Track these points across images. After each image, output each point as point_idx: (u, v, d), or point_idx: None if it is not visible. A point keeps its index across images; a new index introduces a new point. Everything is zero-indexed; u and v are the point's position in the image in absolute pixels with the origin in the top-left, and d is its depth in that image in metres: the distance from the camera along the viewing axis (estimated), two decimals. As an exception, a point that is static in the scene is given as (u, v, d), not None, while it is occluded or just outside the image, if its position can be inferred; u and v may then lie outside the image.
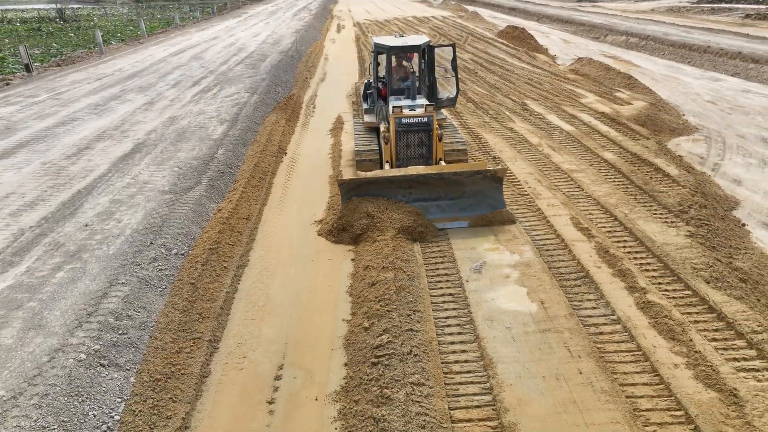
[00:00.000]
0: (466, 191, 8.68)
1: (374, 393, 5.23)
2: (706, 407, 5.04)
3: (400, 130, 9.61)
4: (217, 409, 5.40)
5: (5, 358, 5.52)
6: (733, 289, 7.00)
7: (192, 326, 6.48)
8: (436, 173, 8.54)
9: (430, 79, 11.09)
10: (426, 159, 9.85)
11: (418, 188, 8.59)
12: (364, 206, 8.46)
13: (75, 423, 4.89)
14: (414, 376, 5.43)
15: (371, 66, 11.89)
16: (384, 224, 8.25)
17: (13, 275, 7.08)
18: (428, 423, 4.93)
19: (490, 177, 8.59)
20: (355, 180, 8.57)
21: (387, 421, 4.84)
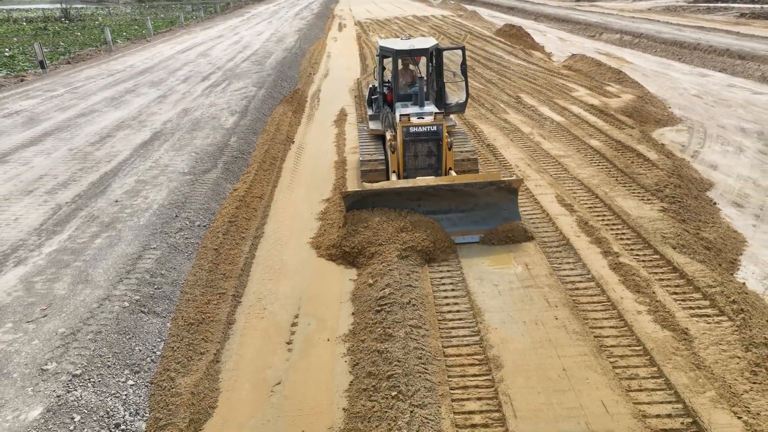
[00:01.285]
0: (479, 203, 8.20)
1: (378, 333, 6.11)
2: (660, 343, 5.92)
3: (407, 139, 9.09)
4: (243, 348, 6.28)
5: (62, 304, 6.40)
6: (696, 254, 7.88)
7: (217, 284, 7.37)
8: (446, 184, 8.08)
9: (438, 84, 10.65)
10: (435, 169, 9.32)
11: (427, 200, 8.14)
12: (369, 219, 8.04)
13: (125, 355, 5.77)
14: (412, 321, 6.31)
15: (376, 70, 11.30)
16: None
17: (57, 241, 7.97)
18: (424, 355, 5.82)
19: (505, 188, 8.13)
20: (360, 192, 8.15)
21: (389, 352, 5.72)
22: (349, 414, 5.21)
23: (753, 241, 8.72)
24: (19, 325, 6.04)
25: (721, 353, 5.71)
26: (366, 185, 8.41)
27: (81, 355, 5.56)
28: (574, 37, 33.63)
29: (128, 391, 5.41)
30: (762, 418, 4.84)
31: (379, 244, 7.71)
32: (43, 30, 46.54)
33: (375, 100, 11.43)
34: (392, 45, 10.25)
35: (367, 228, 7.95)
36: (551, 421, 5.04)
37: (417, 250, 7.67)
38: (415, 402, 5.12)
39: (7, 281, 6.95)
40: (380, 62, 10.99)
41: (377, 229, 7.90)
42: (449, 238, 8.03)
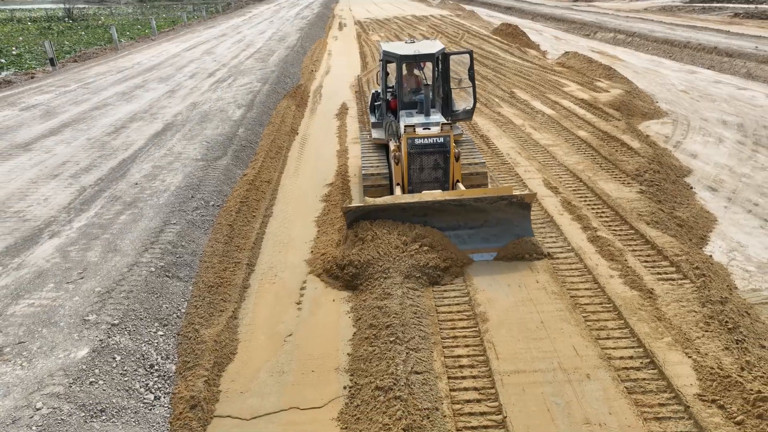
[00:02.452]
0: (489, 219, 7.81)
1: (378, 293, 6.87)
2: (628, 300, 6.69)
3: (412, 152, 8.57)
4: (258, 308, 7.04)
5: (96, 269, 7.16)
6: (669, 230, 8.66)
7: (232, 254, 8.13)
8: (455, 199, 7.65)
9: (444, 90, 10.16)
10: (442, 183, 8.82)
11: (434, 216, 7.75)
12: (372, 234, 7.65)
13: (154, 311, 6.53)
14: (409, 284, 7.07)
15: (379, 75, 10.64)
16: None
17: (85, 218, 8.73)
18: (419, 312, 6.58)
19: (516, 203, 7.75)
20: (363, 207, 7.72)
21: (388, 307, 6.48)
22: (353, 357, 5.98)
23: (723, 220, 9.47)
24: (60, 285, 6.80)
25: (680, 308, 6.48)
26: (368, 200, 7.83)
27: (117, 309, 6.32)
28: (569, 36, 34.40)
29: (159, 339, 6.17)
30: (709, 357, 5.60)
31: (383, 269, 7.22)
32: (48, 29, 47.26)
33: (378, 107, 10.76)
34: (396, 49, 9.66)
35: (371, 247, 7.47)
36: (528, 361, 5.81)
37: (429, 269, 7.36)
38: (410, 346, 5.88)
39: (44, 250, 7.71)
40: (383, 67, 10.25)
41: (382, 247, 7.46)
42: (466, 255, 7.71)
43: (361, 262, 7.30)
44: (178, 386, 5.64)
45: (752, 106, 16.46)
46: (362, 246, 7.51)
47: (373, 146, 10.58)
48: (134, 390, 5.42)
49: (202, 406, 5.39)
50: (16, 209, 9.15)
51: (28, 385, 5.13)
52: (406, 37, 33.93)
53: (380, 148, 10.46)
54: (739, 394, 5.00)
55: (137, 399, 5.34)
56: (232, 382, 5.77)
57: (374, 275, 7.15)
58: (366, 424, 4.96)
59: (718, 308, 6.41)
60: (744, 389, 5.01)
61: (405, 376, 5.35)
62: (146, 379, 5.60)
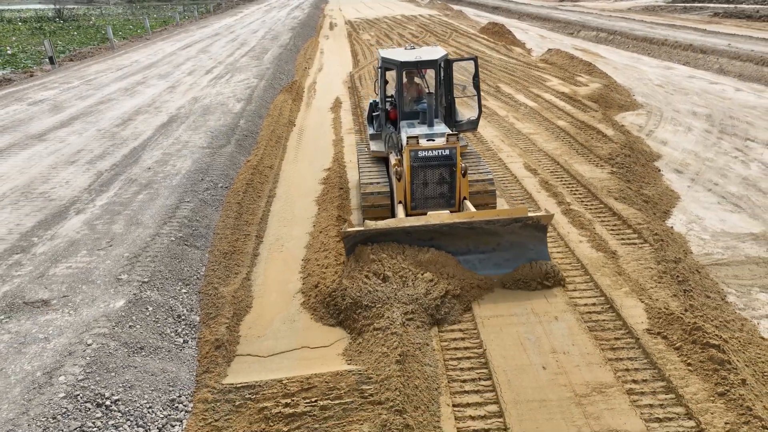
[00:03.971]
0: (502, 243, 7.17)
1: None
2: (593, 260, 7.65)
3: (416, 165, 7.92)
4: (268, 271, 7.91)
5: (122, 238, 8.01)
6: (635, 204, 9.63)
7: (242, 228, 9.00)
8: (464, 222, 7.02)
9: (447, 99, 9.51)
10: (447, 199, 8.16)
11: (441, 240, 7.15)
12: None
13: (177, 272, 7.39)
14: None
15: (377, 84, 9.98)
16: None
17: (106, 197, 9.56)
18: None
19: (532, 225, 7.12)
20: (363, 232, 7.11)
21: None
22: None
23: (685, 197, 10.46)
24: (92, 252, 7.64)
25: (638, 265, 7.45)
26: (369, 223, 7.18)
27: (145, 270, 7.17)
28: (554, 34, 35.49)
29: (183, 296, 7.03)
30: (659, 302, 6.56)
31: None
32: (39, 29, 47.67)
33: (376, 118, 10.07)
34: (396, 56, 9.02)
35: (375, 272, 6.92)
36: (505, 308, 6.73)
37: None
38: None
39: (73, 224, 8.54)
40: (382, 75, 9.61)
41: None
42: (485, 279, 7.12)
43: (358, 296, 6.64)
44: (203, 332, 6.51)
45: (721, 98, 17.53)
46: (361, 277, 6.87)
47: (371, 160, 9.74)
48: (166, 334, 6.29)
49: (226, 347, 6.26)
50: (41, 191, 9.96)
51: (78, 327, 5.98)
52: (396, 36, 34.86)
53: (380, 162, 9.66)
54: (679, 327, 5.96)
55: (169, 341, 6.21)
56: (249, 329, 6.65)
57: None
58: (367, 355, 5.86)
59: (672, 266, 7.38)
60: (683, 322, 5.97)
61: (400, 320, 6.25)
62: (175, 327, 6.47)
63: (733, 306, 6.95)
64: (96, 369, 5.37)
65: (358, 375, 5.52)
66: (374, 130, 10.05)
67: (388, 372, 5.41)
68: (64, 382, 5.14)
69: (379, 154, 9.63)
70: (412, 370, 5.54)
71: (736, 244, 8.49)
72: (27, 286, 6.81)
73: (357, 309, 6.55)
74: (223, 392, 5.56)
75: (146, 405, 5.26)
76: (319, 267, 7.81)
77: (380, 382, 5.35)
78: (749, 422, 4.73)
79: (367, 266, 6.99)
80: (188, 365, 5.99)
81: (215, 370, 5.91)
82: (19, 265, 7.39)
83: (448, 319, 6.55)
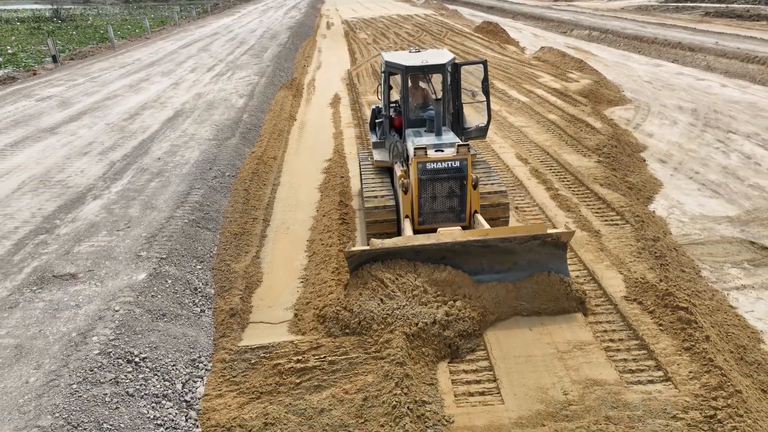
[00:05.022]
0: (518, 262, 6.70)
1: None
2: (578, 238, 8.25)
3: (424, 178, 7.46)
4: (275, 251, 8.48)
5: (139, 221, 8.57)
6: (619, 190, 10.24)
7: (250, 212, 9.57)
8: (479, 240, 6.55)
9: (455, 106, 9.02)
10: (457, 213, 7.71)
11: (453, 259, 6.65)
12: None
13: (191, 251, 7.95)
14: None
15: (379, 89, 9.46)
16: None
17: (120, 185, 10.11)
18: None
19: (551, 243, 6.66)
20: (368, 252, 6.63)
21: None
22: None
23: (668, 185, 11.06)
24: (112, 232, 8.20)
25: (619, 243, 8.05)
26: (375, 242, 6.68)
27: (162, 248, 7.73)
28: (547, 33, 36.15)
29: (198, 271, 7.60)
30: (637, 273, 7.16)
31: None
32: (38, 29, 48.06)
33: (380, 125, 9.56)
34: (401, 60, 8.56)
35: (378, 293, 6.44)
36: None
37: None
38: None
39: (91, 208, 9.10)
40: (386, 80, 9.04)
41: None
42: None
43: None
44: (218, 303, 7.07)
45: (707, 94, 18.18)
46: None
47: (375, 170, 9.24)
48: (185, 304, 6.86)
49: (240, 315, 6.83)
50: (58, 179, 10.51)
51: (105, 296, 6.54)
52: (393, 35, 35.45)
53: (384, 172, 9.20)
54: (653, 293, 6.56)
55: (188, 310, 6.78)
56: (261, 300, 7.22)
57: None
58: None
59: (651, 243, 7.98)
60: (657, 290, 6.58)
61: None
62: (192, 297, 7.03)
63: (706, 279, 7.56)
64: (124, 331, 5.93)
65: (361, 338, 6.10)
66: (377, 138, 9.54)
67: (387, 337, 5.97)
68: (97, 342, 5.70)
69: (383, 164, 9.09)
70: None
71: (712, 226, 9.10)
72: (55, 262, 7.37)
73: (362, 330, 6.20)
74: (239, 353, 6.13)
75: (170, 363, 5.82)
76: (316, 286, 7.40)
77: (381, 344, 5.93)
78: (710, 371, 5.33)
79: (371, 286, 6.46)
80: (206, 331, 6.55)
81: (231, 335, 6.48)
82: (45, 244, 7.94)
83: (462, 348, 6.08)
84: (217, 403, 5.51)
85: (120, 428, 4.86)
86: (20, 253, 7.70)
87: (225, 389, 5.69)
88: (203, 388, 5.73)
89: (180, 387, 5.60)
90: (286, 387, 5.53)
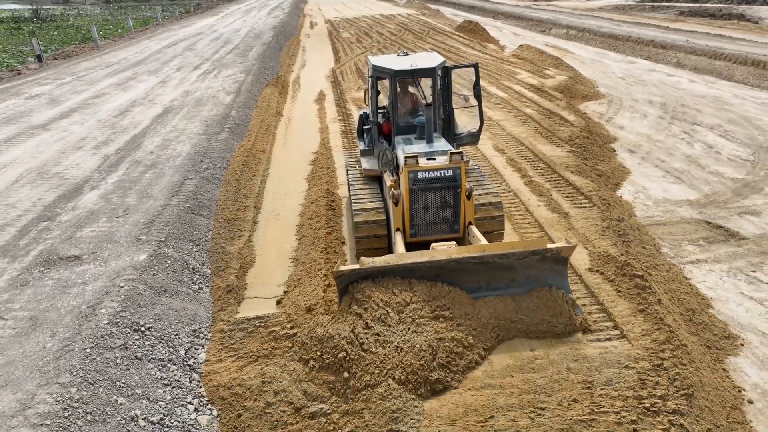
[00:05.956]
0: (517, 278, 6.35)
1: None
2: (548, 219, 8.91)
3: (415, 188, 7.14)
4: (267, 235, 9.02)
5: (136, 208, 9.06)
6: (589, 177, 10.93)
7: (241, 201, 10.09)
8: (475, 257, 6.16)
9: (445, 111, 8.66)
10: (451, 225, 7.40)
11: (447, 276, 6.25)
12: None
13: (187, 235, 8.46)
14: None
15: (367, 94, 9.23)
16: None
17: (116, 176, 10.57)
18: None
19: (551, 258, 6.30)
20: (358, 271, 6.10)
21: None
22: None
23: (635, 173, 11.79)
24: (111, 219, 8.67)
25: (586, 223, 8.72)
26: (365, 260, 6.19)
27: (160, 232, 8.24)
28: (527, 32, 36.98)
29: (195, 253, 8.11)
30: (600, 249, 7.82)
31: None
32: (18, 30, 47.76)
33: (368, 131, 9.22)
34: (389, 64, 8.17)
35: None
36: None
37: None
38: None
39: (90, 198, 9.55)
40: (373, 85, 8.79)
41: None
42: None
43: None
44: (214, 281, 7.60)
45: (676, 89, 19.04)
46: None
47: (363, 179, 8.86)
48: (184, 282, 7.37)
49: (236, 291, 7.36)
50: (54, 171, 10.93)
51: (110, 275, 7.03)
52: (376, 34, 36.02)
53: (373, 181, 8.82)
54: (613, 264, 7.23)
55: (187, 287, 7.30)
56: (255, 278, 7.75)
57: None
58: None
59: (615, 223, 8.66)
60: (617, 262, 7.24)
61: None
62: (191, 276, 7.55)
63: (664, 255, 8.26)
64: (130, 304, 6.44)
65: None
66: (365, 145, 9.16)
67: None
68: (105, 313, 6.20)
69: (372, 173, 8.70)
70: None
71: (674, 209, 9.82)
72: (59, 246, 7.83)
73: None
74: (236, 323, 6.67)
75: (173, 333, 6.35)
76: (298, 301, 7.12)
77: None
78: (660, 328, 5.98)
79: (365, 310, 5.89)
80: (205, 306, 7.08)
81: (228, 308, 7.02)
82: (48, 230, 8.39)
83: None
84: (218, 367, 6.05)
85: (131, 386, 5.38)
86: (25, 238, 8.15)
87: (224, 355, 6.23)
88: (204, 355, 6.26)
89: (183, 353, 6.13)
90: (280, 350, 6.09)
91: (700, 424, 4.89)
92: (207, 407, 5.57)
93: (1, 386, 5.16)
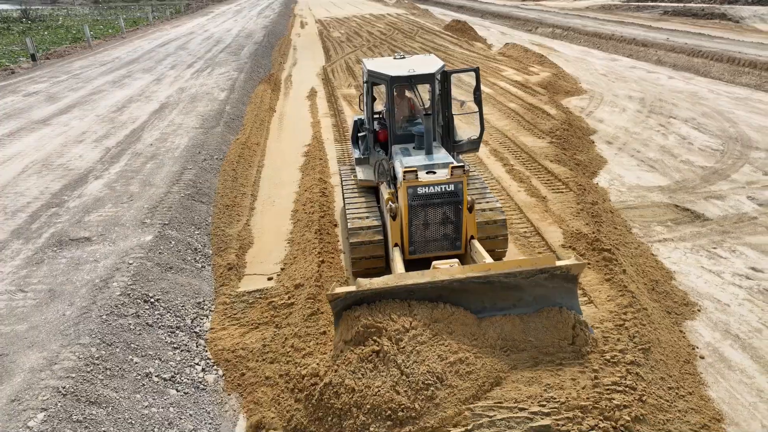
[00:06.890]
0: (524, 298, 5.90)
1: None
2: (527, 203, 9.54)
3: (415, 204, 6.80)
4: (263, 220, 9.58)
5: (139, 195, 9.59)
6: (567, 166, 11.58)
7: (239, 189, 10.64)
8: (480, 276, 5.71)
9: (444, 117, 8.25)
10: (452, 241, 7.07)
11: (451, 297, 5.77)
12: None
13: (189, 219, 9.00)
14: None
15: (362, 99, 8.86)
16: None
17: (118, 167, 11.08)
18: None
19: (560, 276, 5.83)
20: (355, 294, 5.60)
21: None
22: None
23: (612, 162, 12.45)
24: (116, 205, 9.20)
25: (562, 205, 9.36)
26: (362, 282, 5.66)
27: (164, 216, 8.77)
28: (514, 31, 37.72)
29: (196, 236, 8.66)
30: (573, 228, 8.46)
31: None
32: (8, 30, 47.86)
33: (363, 138, 8.84)
34: (385, 69, 7.78)
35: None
36: (456, 237, 8.54)
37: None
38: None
39: (95, 186, 10.07)
40: (369, 91, 8.39)
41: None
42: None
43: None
44: (216, 260, 8.16)
45: (655, 85, 19.77)
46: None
47: (359, 191, 8.43)
48: (188, 260, 7.92)
49: (236, 269, 7.92)
50: (59, 163, 11.42)
51: (119, 253, 7.57)
52: (366, 33, 36.60)
53: (369, 193, 8.39)
54: (584, 241, 7.87)
55: (191, 265, 7.85)
56: (253, 257, 8.32)
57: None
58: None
59: (589, 206, 9.31)
60: (588, 238, 7.88)
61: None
62: (194, 256, 8.11)
63: (634, 235, 8.91)
64: (139, 279, 6.98)
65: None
66: (361, 153, 8.74)
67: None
68: (117, 286, 6.75)
69: (368, 183, 8.30)
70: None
71: (646, 194, 10.49)
72: (69, 229, 8.35)
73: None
74: (238, 296, 7.24)
75: (180, 304, 6.90)
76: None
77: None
78: (624, 294, 6.62)
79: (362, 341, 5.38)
80: (208, 282, 7.64)
81: (230, 284, 7.58)
82: (57, 215, 8.91)
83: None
84: (221, 334, 6.62)
85: (144, 348, 5.93)
86: (36, 222, 8.67)
87: (228, 323, 6.79)
88: (209, 324, 6.82)
89: (189, 322, 6.69)
90: (280, 318, 6.66)
91: (654, 373, 5.51)
92: (213, 368, 6.14)
93: (28, 347, 5.69)
